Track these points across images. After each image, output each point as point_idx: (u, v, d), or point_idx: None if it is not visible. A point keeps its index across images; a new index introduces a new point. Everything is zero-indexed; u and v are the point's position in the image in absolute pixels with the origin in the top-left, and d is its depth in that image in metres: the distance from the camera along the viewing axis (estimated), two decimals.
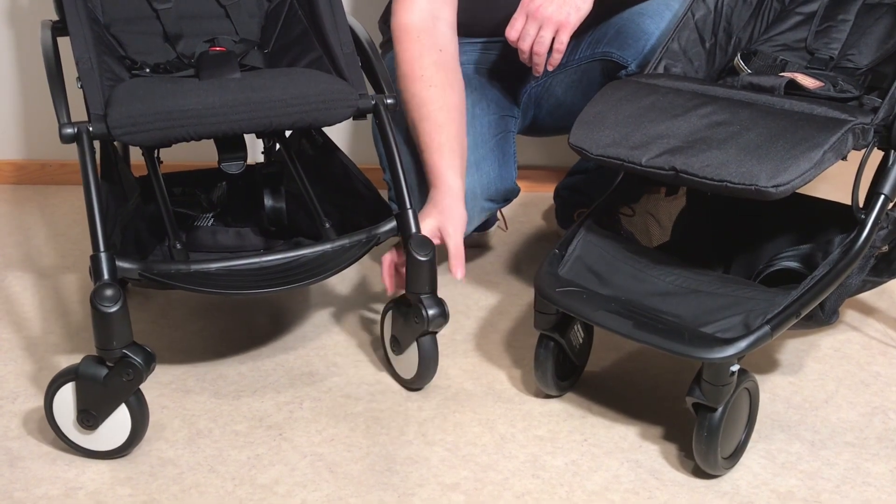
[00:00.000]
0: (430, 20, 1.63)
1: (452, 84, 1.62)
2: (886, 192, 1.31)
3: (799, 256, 1.51)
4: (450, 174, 1.57)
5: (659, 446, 1.39)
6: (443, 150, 1.57)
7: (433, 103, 1.59)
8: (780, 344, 1.66)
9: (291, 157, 1.66)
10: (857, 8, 1.56)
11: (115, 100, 1.35)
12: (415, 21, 1.63)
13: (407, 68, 1.62)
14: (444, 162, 1.57)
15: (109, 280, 1.29)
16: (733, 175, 1.23)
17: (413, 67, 1.61)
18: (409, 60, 1.61)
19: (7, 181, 2.40)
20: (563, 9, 1.53)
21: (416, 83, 1.60)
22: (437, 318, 1.44)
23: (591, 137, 1.38)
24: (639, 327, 1.29)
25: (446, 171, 1.57)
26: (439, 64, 1.62)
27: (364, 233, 1.46)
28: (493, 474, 1.33)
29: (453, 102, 1.61)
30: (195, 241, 1.71)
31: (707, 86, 1.41)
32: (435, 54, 1.62)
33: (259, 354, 1.63)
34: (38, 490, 1.29)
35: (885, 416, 1.47)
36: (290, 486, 1.31)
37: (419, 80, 1.60)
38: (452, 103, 1.61)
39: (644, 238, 1.57)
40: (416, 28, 1.62)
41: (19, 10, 2.26)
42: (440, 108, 1.59)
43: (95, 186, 1.31)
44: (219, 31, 1.66)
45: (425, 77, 1.60)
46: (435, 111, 1.58)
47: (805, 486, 1.32)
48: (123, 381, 1.29)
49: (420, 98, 1.59)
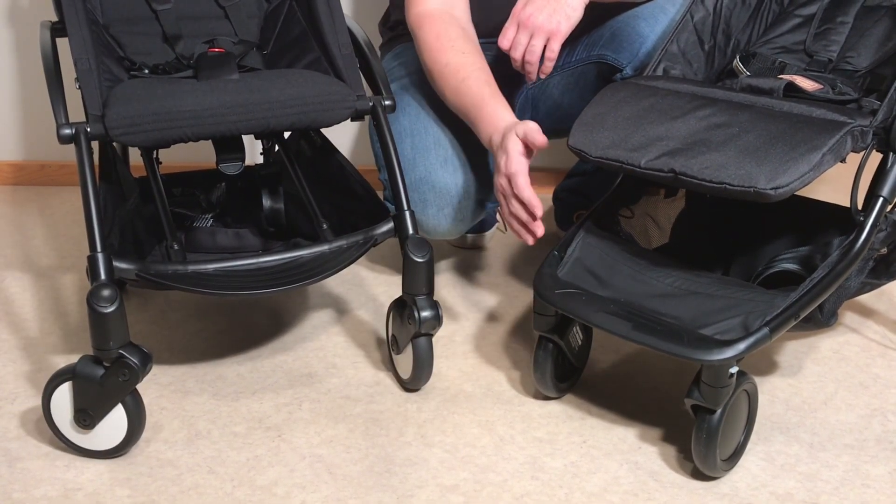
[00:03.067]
0: (446, 8, 1.67)
1: (482, 56, 1.64)
2: (885, 194, 1.31)
3: (798, 258, 1.51)
4: (507, 114, 1.56)
5: (658, 448, 1.39)
6: (496, 97, 1.57)
7: (471, 66, 1.60)
8: (779, 346, 1.66)
9: (290, 158, 1.66)
10: (855, 10, 1.56)
11: (113, 100, 1.35)
12: (432, 8, 1.66)
13: (436, 43, 1.63)
14: (500, 105, 1.56)
15: (106, 280, 1.29)
16: (732, 177, 1.23)
17: (442, 41, 1.63)
18: (437, 36, 1.63)
19: (6, 182, 2.40)
20: (553, 17, 1.54)
21: (447, 53, 1.62)
22: (430, 320, 1.44)
23: (590, 139, 1.38)
24: (638, 329, 1.29)
25: (503, 111, 1.56)
26: (465, 38, 1.64)
27: (362, 234, 1.46)
28: (493, 476, 1.33)
29: (487, 69, 1.62)
30: (194, 241, 1.71)
31: (706, 88, 1.41)
32: (459, 30, 1.65)
33: (258, 355, 1.63)
34: (36, 491, 1.29)
35: (883, 419, 1.47)
36: (289, 488, 1.30)
37: (450, 49, 1.62)
38: (487, 69, 1.62)
39: (643, 240, 1.57)
40: (435, 12, 1.65)
41: (19, 10, 2.26)
42: (479, 69, 1.60)
43: (93, 187, 1.31)
44: (218, 32, 1.66)
45: (456, 47, 1.62)
46: (475, 72, 1.60)
47: (804, 488, 1.32)
48: (120, 381, 1.29)
49: (455, 64, 1.60)
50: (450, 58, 1.61)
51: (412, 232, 1.46)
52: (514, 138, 1.48)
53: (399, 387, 1.54)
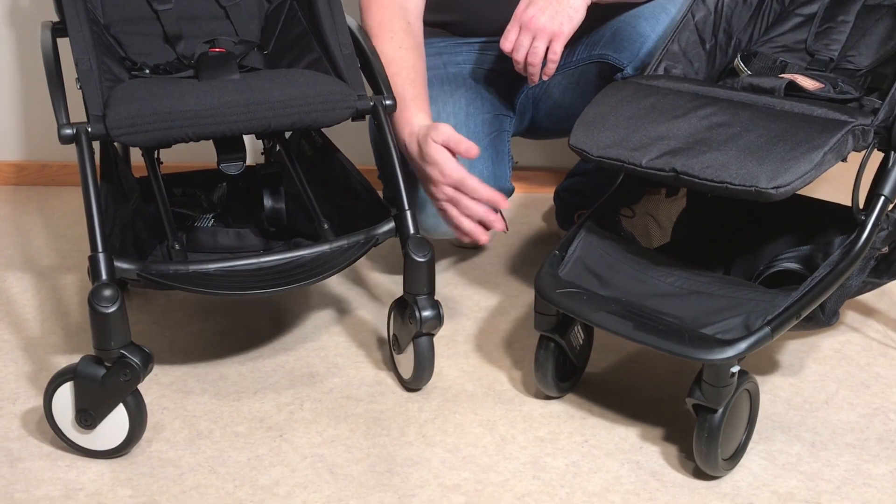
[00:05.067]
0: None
1: (420, 54, 1.65)
2: (886, 193, 1.31)
3: (799, 258, 1.51)
4: (420, 117, 1.57)
5: (659, 447, 1.39)
6: (417, 101, 1.58)
7: (404, 62, 1.61)
8: (781, 345, 1.66)
9: (291, 157, 1.66)
10: (857, 9, 1.56)
11: (114, 100, 1.35)
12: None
13: (377, 30, 1.64)
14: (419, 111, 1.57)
15: (107, 280, 1.29)
16: (734, 176, 1.23)
17: (383, 29, 1.63)
18: (379, 24, 1.64)
19: (7, 182, 2.40)
20: (555, 19, 1.54)
21: (385, 43, 1.62)
22: (431, 320, 1.44)
23: (592, 138, 1.38)
24: (639, 328, 1.29)
25: (417, 114, 1.57)
26: (407, 32, 1.65)
27: (362, 234, 1.46)
28: (494, 475, 1.33)
29: (420, 68, 1.63)
30: (195, 241, 1.71)
31: (707, 87, 1.41)
32: (404, 24, 1.65)
33: (259, 355, 1.63)
34: (38, 491, 1.29)
35: (885, 418, 1.47)
36: (291, 488, 1.31)
37: (389, 40, 1.62)
38: (419, 68, 1.63)
39: (644, 239, 1.56)
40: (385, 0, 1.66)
41: (20, 11, 2.26)
42: (410, 68, 1.61)
43: (94, 187, 1.31)
44: (219, 32, 1.66)
45: (395, 39, 1.62)
46: (405, 69, 1.60)
47: (805, 488, 1.32)
48: (121, 381, 1.29)
49: (390, 56, 1.60)
50: (385, 48, 1.61)
51: (413, 231, 1.46)
52: (435, 146, 1.50)
53: (400, 386, 1.54)
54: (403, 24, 1.64)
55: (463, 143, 1.49)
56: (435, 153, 1.50)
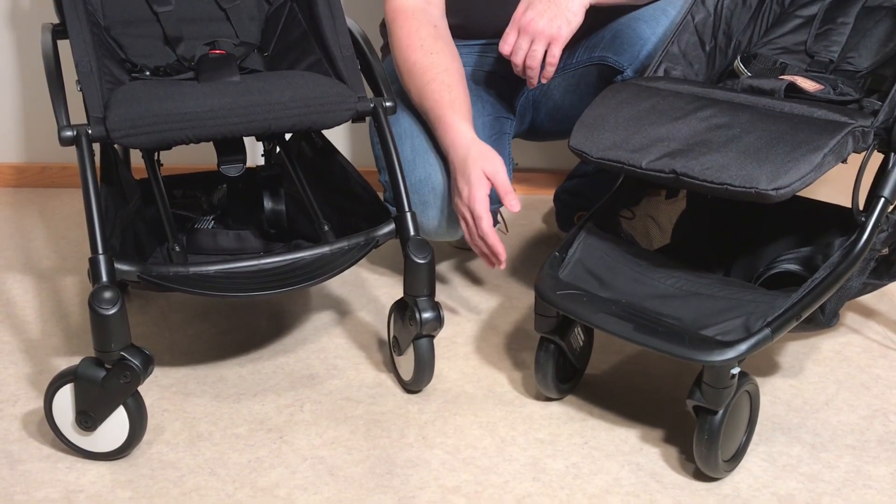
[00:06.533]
0: (421, 4, 1.69)
1: (452, 54, 1.67)
2: (886, 194, 1.31)
3: (799, 259, 1.51)
4: (464, 127, 1.60)
5: (660, 449, 1.39)
6: (454, 106, 1.60)
7: (437, 67, 1.63)
8: (781, 346, 1.66)
9: (291, 159, 1.66)
10: (856, 11, 1.56)
11: (115, 102, 1.35)
12: (407, 4, 1.68)
13: (406, 41, 1.65)
14: (457, 116, 1.60)
15: (108, 282, 1.29)
16: (734, 178, 1.23)
17: (412, 39, 1.65)
18: (408, 34, 1.65)
19: (7, 184, 2.40)
20: (554, 22, 1.54)
21: (415, 52, 1.64)
22: (431, 321, 1.44)
23: (592, 140, 1.38)
24: (639, 330, 1.29)
25: (460, 124, 1.60)
26: (436, 36, 1.66)
27: (363, 235, 1.46)
28: (494, 477, 1.33)
29: (455, 68, 1.64)
30: (195, 243, 1.71)
31: (707, 89, 1.41)
32: (431, 28, 1.66)
33: (259, 357, 1.63)
34: (38, 493, 1.29)
35: (885, 419, 1.47)
36: (291, 489, 1.31)
37: (419, 49, 1.64)
38: (454, 68, 1.64)
39: (644, 241, 1.57)
40: (409, 9, 1.67)
41: (20, 13, 2.26)
42: (444, 71, 1.62)
43: (94, 189, 1.31)
44: (219, 34, 1.66)
45: (425, 46, 1.64)
46: (440, 74, 1.62)
47: (806, 489, 1.32)
48: (121, 383, 1.29)
49: (423, 65, 1.63)
50: (417, 57, 1.63)
51: (413, 233, 1.46)
52: (481, 175, 1.54)
53: (400, 388, 1.54)
54: (430, 30, 1.66)
55: (510, 195, 1.54)
56: (475, 180, 1.54)
